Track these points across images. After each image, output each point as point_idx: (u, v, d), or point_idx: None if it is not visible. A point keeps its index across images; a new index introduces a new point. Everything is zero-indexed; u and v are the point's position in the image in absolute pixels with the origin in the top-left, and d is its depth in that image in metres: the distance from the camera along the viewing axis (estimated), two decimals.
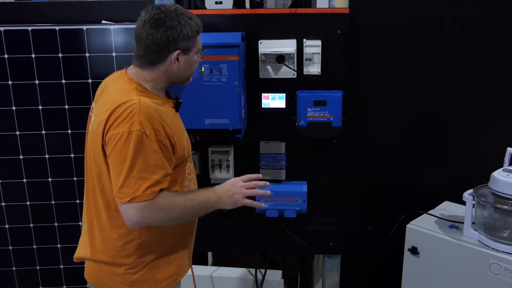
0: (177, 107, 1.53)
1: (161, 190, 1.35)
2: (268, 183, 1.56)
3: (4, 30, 2.11)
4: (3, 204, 2.30)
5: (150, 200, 1.32)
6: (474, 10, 2.04)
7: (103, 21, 2.15)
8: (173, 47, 1.39)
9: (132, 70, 1.45)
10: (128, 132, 1.30)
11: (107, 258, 1.47)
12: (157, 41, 1.37)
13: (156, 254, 1.48)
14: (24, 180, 2.27)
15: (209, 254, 2.59)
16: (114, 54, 2.15)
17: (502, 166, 1.75)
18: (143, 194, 1.31)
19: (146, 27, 1.38)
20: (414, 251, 1.87)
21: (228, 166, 2.02)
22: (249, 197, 1.52)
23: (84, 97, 2.17)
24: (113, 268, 1.47)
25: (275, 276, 2.11)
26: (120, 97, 1.36)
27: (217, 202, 1.47)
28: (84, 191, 1.53)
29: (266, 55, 1.92)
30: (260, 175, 1.55)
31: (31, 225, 2.32)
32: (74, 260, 1.56)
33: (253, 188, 1.52)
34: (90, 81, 2.16)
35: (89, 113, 1.51)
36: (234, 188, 1.49)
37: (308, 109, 1.91)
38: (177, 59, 1.41)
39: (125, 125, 1.31)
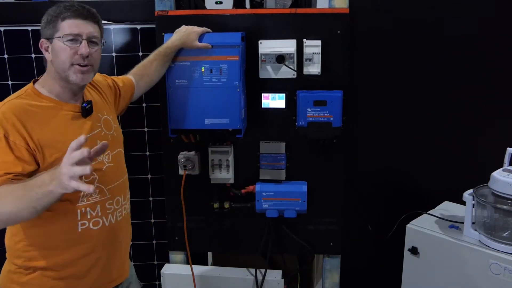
0: (84, 112, 1.46)
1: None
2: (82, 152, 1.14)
3: (4, 30, 2.11)
4: None
5: None
6: (474, 10, 2.04)
7: (103, 21, 2.15)
8: (41, 37, 1.42)
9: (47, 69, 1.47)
10: None
11: (7, 254, 1.48)
12: None
13: (45, 263, 1.43)
14: None
15: (209, 254, 2.59)
16: (114, 54, 2.14)
17: (502, 166, 1.75)
18: None
19: None
20: (414, 251, 1.87)
21: (228, 166, 2.02)
22: None
23: None
24: (9, 264, 1.48)
25: (275, 276, 2.11)
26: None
27: (51, 189, 1.17)
28: None
29: (266, 55, 1.92)
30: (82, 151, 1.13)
31: None
32: None
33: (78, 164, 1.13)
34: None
35: None
36: (59, 170, 1.14)
37: (308, 109, 1.91)
38: (47, 49, 1.41)
39: None
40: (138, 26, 2.12)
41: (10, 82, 2.16)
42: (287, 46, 1.92)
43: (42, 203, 1.20)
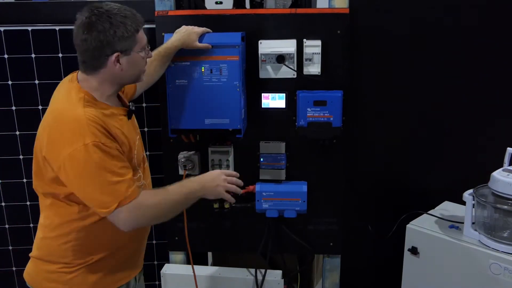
0: (129, 114, 1.51)
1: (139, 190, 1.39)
2: (241, 182, 1.61)
3: (4, 30, 2.11)
4: (3, 204, 2.30)
5: (136, 198, 1.34)
6: (474, 10, 2.04)
7: None
8: (110, 50, 1.35)
9: (81, 76, 1.43)
10: (84, 146, 1.28)
11: (43, 255, 1.50)
12: (91, 46, 1.34)
13: (93, 257, 1.48)
14: (24, 180, 2.27)
15: (209, 254, 2.59)
16: None
17: (502, 166, 1.75)
18: (127, 197, 1.32)
19: (79, 32, 1.34)
20: (414, 251, 1.87)
21: (228, 166, 2.02)
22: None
23: None
24: (46, 264, 1.49)
25: (275, 276, 2.11)
26: (64, 107, 1.36)
27: (201, 192, 1.50)
28: None
29: (266, 55, 1.92)
30: (238, 174, 1.62)
31: (31, 225, 2.32)
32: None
33: (234, 184, 1.57)
34: None
35: None
36: (218, 180, 1.53)
37: (308, 109, 1.91)
38: (118, 61, 1.37)
39: (78, 140, 1.28)
40: None
41: (10, 82, 2.16)
42: (287, 46, 1.92)
43: (185, 206, 1.51)
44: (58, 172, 1.33)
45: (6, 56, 2.13)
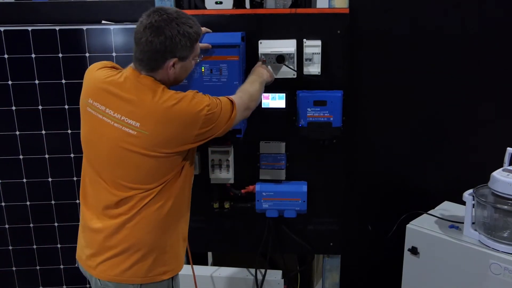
0: None
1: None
2: None
3: (4, 30, 2.11)
4: (3, 204, 2.30)
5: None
6: (474, 10, 2.04)
7: (103, 21, 2.16)
8: (170, 55, 1.41)
9: (140, 72, 1.46)
10: (209, 98, 1.48)
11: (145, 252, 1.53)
12: (155, 49, 1.39)
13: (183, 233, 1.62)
14: (24, 180, 2.27)
15: (209, 254, 2.59)
16: (114, 54, 2.15)
17: (502, 166, 1.75)
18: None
19: (146, 33, 1.38)
20: (414, 251, 1.87)
21: (228, 166, 2.02)
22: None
23: None
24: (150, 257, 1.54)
25: (275, 276, 2.11)
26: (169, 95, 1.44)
27: (264, 75, 1.79)
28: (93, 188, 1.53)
29: (266, 55, 1.92)
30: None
31: (31, 225, 2.32)
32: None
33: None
34: None
35: (88, 108, 1.49)
36: (262, 68, 1.84)
37: (308, 109, 1.91)
38: (173, 65, 1.43)
39: (204, 99, 1.46)
40: None
41: (10, 82, 2.16)
42: (287, 46, 1.91)
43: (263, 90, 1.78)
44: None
45: (6, 56, 2.13)
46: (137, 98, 1.42)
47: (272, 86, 1.99)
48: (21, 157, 2.25)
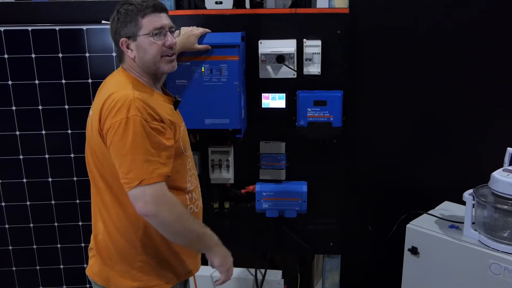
0: (175, 105, 1.53)
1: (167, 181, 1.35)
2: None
3: (4, 30, 2.11)
4: (3, 204, 2.30)
5: (159, 183, 1.31)
6: (474, 10, 2.04)
7: (103, 21, 2.15)
8: (118, 36, 1.43)
9: (125, 66, 1.48)
10: (126, 118, 1.30)
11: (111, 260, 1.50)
12: (111, 36, 1.46)
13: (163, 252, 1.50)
14: (24, 180, 2.27)
15: None
16: (114, 54, 2.14)
17: (502, 166, 1.75)
18: (151, 177, 1.29)
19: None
20: (414, 251, 1.87)
21: (228, 166, 2.02)
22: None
23: (84, 97, 2.17)
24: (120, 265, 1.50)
25: (275, 276, 2.12)
26: (115, 89, 1.38)
27: (212, 247, 1.47)
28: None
29: (266, 55, 1.92)
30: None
31: (31, 225, 2.32)
32: None
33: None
34: (90, 81, 2.16)
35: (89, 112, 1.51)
36: (229, 259, 1.56)
37: (308, 109, 1.91)
38: (128, 47, 1.43)
39: (122, 112, 1.31)
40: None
41: (10, 82, 2.16)
42: (287, 46, 1.92)
43: (193, 240, 1.44)
44: (105, 138, 1.35)
45: (6, 56, 2.13)
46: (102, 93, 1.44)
47: (272, 86, 1.99)
48: (21, 157, 2.25)
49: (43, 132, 2.22)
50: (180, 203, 1.37)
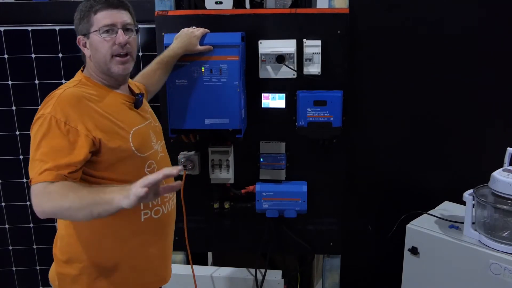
0: (136, 104, 1.48)
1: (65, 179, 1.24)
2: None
3: (4, 30, 2.11)
4: (3, 204, 2.30)
5: (44, 183, 1.21)
6: (474, 10, 2.04)
7: None
8: (77, 35, 1.40)
9: (86, 66, 1.47)
10: (40, 116, 1.27)
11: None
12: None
13: (107, 257, 1.43)
14: (24, 180, 2.27)
15: (209, 254, 2.59)
16: None
17: (502, 166, 1.75)
18: (38, 177, 1.22)
19: None
20: (414, 251, 1.87)
21: (228, 166, 2.02)
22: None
23: None
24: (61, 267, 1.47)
25: (275, 276, 2.11)
26: (60, 87, 1.37)
27: (116, 205, 1.17)
28: None
29: (266, 55, 1.92)
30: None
31: (31, 225, 2.32)
32: None
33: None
34: None
35: None
36: (132, 192, 1.16)
37: (308, 109, 1.91)
38: (85, 45, 1.40)
39: (41, 110, 1.29)
40: (138, 26, 2.12)
41: (10, 82, 2.16)
42: (287, 46, 1.92)
43: (99, 210, 1.19)
44: None
45: (6, 56, 2.13)
46: None
47: (272, 86, 1.99)
48: (21, 157, 2.25)
49: None
50: (66, 196, 1.20)
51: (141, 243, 1.47)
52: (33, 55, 2.14)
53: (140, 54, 2.14)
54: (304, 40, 1.93)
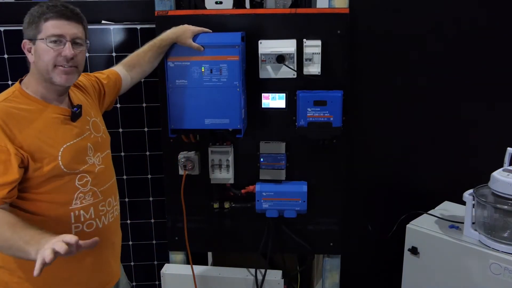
0: (72, 117, 1.44)
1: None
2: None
3: (4, 30, 2.11)
4: None
5: None
6: (474, 10, 2.05)
7: (103, 21, 2.15)
8: (23, 38, 1.36)
9: (29, 71, 1.43)
10: None
11: None
12: None
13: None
14: None
15: (209, 254, 2.59)
16: (114, 54, 2.14)
17: (502, 166, 1.75)
18: None
19: None
20: (414, 251, 1.87)
21: (228, 166, 2.02)
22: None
23: None
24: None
25: (275, 276, 2.11)
26: None
27: (32, 248, 1.16)
28: None
29: (266, 55, 1.92)
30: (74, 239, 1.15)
31: None
32: None
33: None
34: None
35: None
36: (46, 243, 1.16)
37: (308, 109, 1.91)
38: (30, 50, 1.36)
39: None
40: (138, 26, 2.12)
41: (10, 82, 2.16)
42: (287, 46, 1.91)
43: (16, 254, 1.20)
44: None
45: (6, 56, 2.13)
46: None
47: (272, 86, 1.99)
48: None
49: None
50: None
51: (73, 256, 1.28)
52: None
53: None
54: (304, 40, 1.92)
